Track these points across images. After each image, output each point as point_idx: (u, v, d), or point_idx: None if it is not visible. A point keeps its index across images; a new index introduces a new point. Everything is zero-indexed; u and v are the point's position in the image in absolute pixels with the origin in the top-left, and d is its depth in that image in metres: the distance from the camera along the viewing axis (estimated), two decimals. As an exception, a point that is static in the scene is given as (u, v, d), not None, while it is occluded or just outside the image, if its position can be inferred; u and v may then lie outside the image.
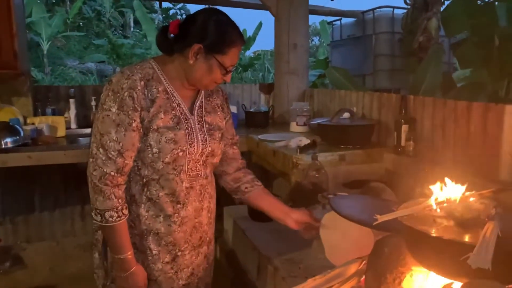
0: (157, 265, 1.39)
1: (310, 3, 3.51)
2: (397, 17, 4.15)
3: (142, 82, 1.28)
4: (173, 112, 1.32)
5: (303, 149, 2.15)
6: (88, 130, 3.24)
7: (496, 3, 3.66)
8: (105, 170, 1.24)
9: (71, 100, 3.28)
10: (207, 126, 1.40)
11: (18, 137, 2.70)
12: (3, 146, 2.61)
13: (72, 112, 3.28)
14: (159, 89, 1.31)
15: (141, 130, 1.28)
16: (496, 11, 3.55)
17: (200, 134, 1.37)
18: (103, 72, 11.94)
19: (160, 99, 1.31)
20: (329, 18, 5.09)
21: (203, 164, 1.41)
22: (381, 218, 1.05)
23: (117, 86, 1.26)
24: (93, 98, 3.36)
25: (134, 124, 1.26)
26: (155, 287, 1.40)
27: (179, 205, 1.37)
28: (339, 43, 4.80)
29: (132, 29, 14.66)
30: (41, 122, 2.99)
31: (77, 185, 3.27)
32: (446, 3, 3.90)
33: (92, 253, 1.45)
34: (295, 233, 1.54)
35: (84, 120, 3.36)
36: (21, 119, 2.98)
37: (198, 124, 1.38)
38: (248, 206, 2.06)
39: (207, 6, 1.41)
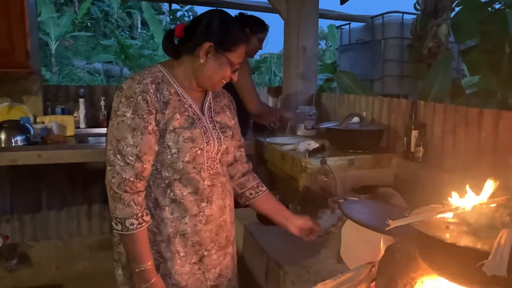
0: (185, 267, 1.37)
1: (319, 7, 3.51)
2: (406, 22, 4.15)
3: (154, 85, 1.29)
4: (186, 113, 1.34)
5: (311, 153, 2.15)
6: (97, 130, 3.27)
7: (507, 10, 3.65)
8: (124, 176, 1.23)
9: (81, 100, 3.30)
10: (218, 125, 1.42)
11: (28, 136, 2.72)
12: (13, 144, 2.63)
13: (81, 112, 3.30)
14: (171, 91, 1.33)
15: (157, 133, 1.28)
16: (507, 18, 3.54)
17: (214, 133, 1.39)
18: (110, 72, 12.03)
19: (173, 100, 1.32)
20: (337, 22, 5.09)
21: (219, 162, 1.42)
22: (393, 224, 1.05)
23: (129, 92, 1.27)
24: (102, 98, 3.38)
25: (150, 127, 1.26)
26: None
27: (203, 203, 1.37)
28: (347, 48, 4.80)
29: (139, 30, 14.74)
30: (51, 121, 3.01)
31: (84, 185, 3.30)
32: (456, 9, 3.90)
33: (115, 270, 1.41)
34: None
35: (93, 120, 3.39)
36: (31, 118, 3.01)
37: (210, 123, 1.40)
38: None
39: (215, 8, 1.45)
